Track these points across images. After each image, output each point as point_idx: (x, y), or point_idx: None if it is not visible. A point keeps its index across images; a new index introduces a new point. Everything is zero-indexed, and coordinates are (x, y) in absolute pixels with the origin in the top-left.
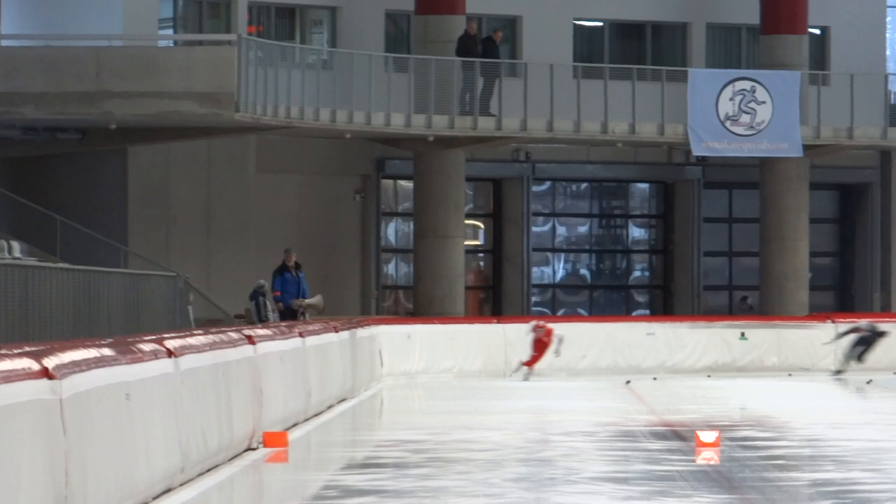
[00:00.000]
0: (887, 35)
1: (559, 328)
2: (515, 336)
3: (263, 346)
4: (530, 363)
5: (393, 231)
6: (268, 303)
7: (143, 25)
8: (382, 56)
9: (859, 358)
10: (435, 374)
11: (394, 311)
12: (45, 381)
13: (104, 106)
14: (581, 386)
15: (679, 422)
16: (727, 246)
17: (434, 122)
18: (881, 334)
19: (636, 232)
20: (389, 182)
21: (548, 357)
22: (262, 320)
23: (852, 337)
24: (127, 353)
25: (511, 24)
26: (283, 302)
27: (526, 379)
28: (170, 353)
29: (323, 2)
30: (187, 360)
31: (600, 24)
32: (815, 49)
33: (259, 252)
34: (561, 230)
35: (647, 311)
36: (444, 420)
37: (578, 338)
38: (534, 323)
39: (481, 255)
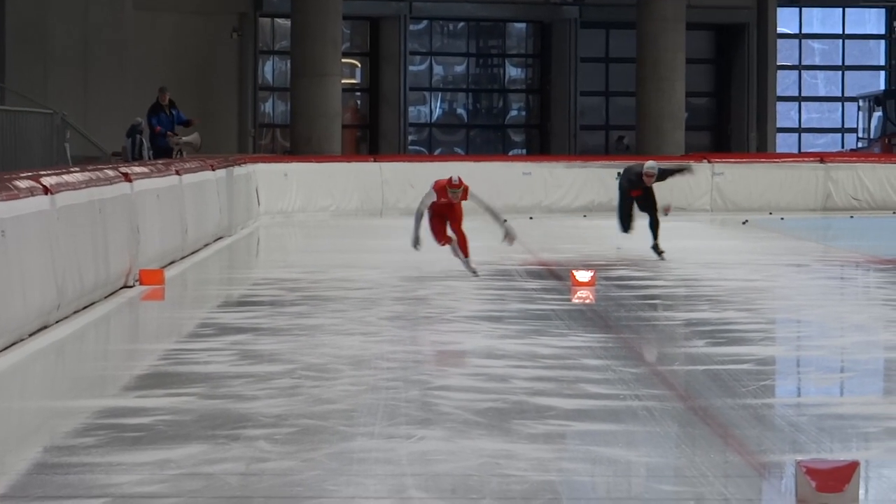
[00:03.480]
0: None
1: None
2: (392, 175)
3: (140, 184)
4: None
5: (270, 69)
6: (144, 140)
7: None
8: None
9: None
10: (312, 213)
11: (271, 149)
12: None
13: None
14: None
15: (555, 261)
16: (604, 86)
17: None
18: None
19: (513, 71)
20: (267, 20)
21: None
22: (138, 158)
23: None
24: (2, 189)
25: None
26: (159, 142)
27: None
28: (46, 190)
29: None
30: (64, 198)
31: None
32: None
33: (136, 90)
34: (438, 69)
35: (524, 151)
36: (321, 259)
37: None
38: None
39: (358, 93)
